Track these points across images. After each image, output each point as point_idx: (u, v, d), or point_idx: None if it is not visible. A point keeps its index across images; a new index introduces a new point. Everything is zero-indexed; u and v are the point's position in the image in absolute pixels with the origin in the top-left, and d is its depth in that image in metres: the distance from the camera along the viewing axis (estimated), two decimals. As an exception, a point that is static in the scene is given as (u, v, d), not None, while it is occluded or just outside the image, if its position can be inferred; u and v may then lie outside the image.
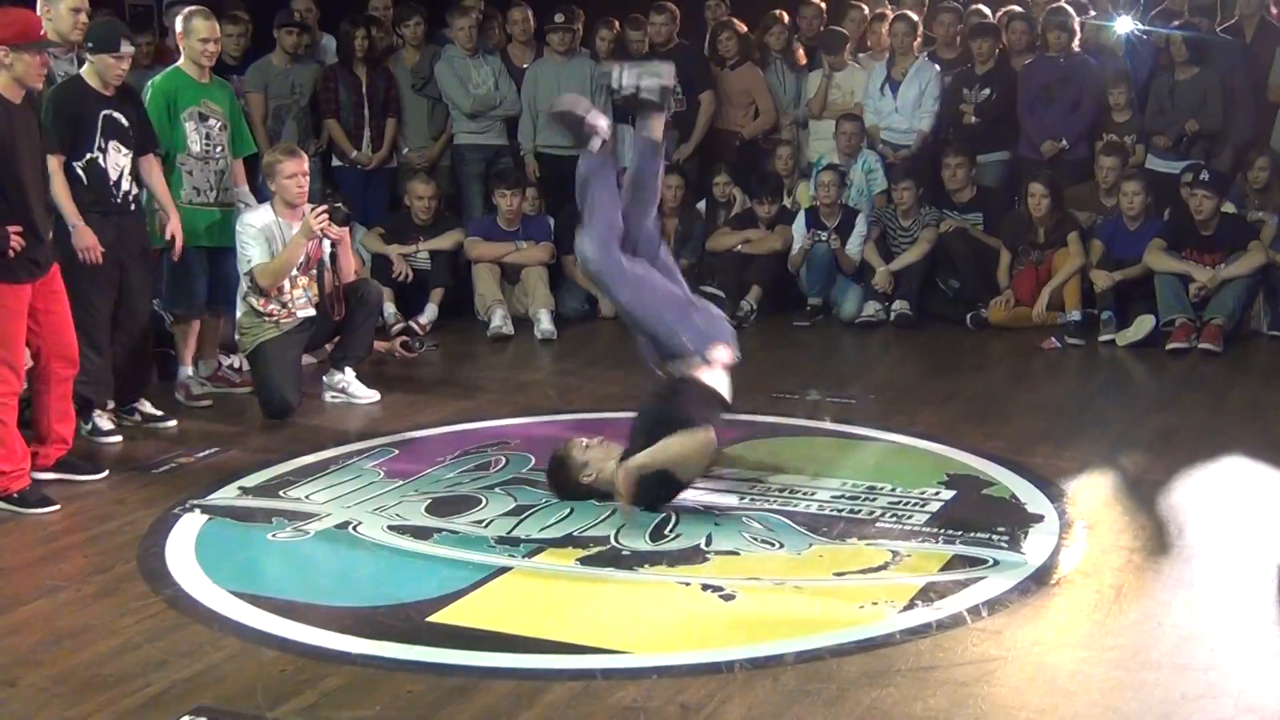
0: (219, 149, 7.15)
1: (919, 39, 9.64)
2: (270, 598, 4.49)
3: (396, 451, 6.16)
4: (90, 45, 6.30)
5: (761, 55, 10.03)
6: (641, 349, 5.72)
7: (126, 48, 6.33)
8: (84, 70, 6.35)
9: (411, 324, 8.68)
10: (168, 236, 6.71)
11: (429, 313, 8.87)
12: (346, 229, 7.05)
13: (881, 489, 5.51)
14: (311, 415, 6.87)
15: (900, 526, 5.07)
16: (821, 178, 9.17)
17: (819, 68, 9.94)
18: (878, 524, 5.10)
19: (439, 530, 5.11)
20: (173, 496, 5.57)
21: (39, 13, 6.20)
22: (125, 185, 6.43)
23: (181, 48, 7.17)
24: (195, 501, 5.49)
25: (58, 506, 5.44)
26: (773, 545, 4.91)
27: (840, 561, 4.74)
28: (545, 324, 8.71)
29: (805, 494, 5.46)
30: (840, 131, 9.50)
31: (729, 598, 4.45)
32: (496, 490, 5.55)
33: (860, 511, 5.24)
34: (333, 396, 7.15)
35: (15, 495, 5.44)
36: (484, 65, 9.60)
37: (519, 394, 7.33)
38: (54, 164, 6.05)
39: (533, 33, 9.93)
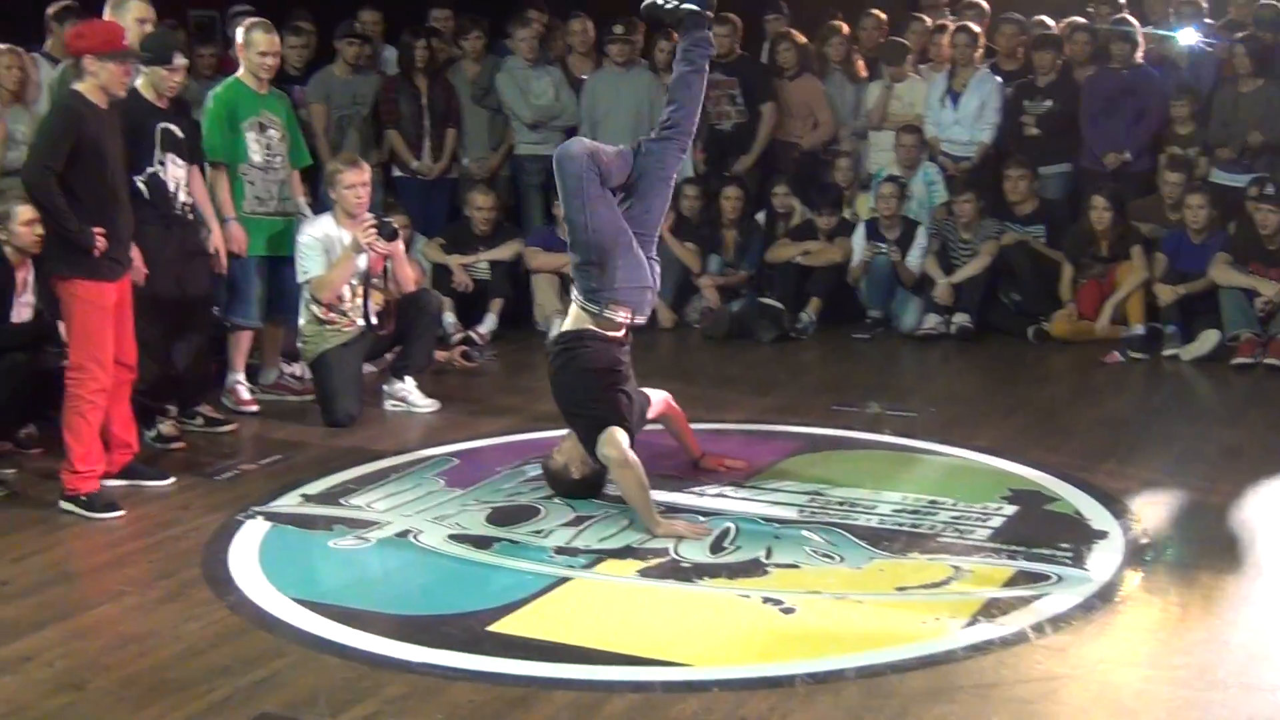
0: (279, 159, 7.21)
1: (980, 50, 9.59)
2: (332, 605, 4.52)
3: (457, 461, 6.18)
4: (147, 57, 6.30)
5: (820, 66, 10.01)
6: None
7: (179, 60, 6.41)
8: (139, 83, 6.32)
9: (471, 334, 8.72)
10: (211, 250, 6.77)
11: (489, 323, 8.90)
12: (397, 243, 7.07)
13: (943, 503, 5.48)
14: (372, 424, 6.91)
15: (962, 541, 5.04)
16: (882, 189, 9.15)
17: (879, 79, 9.91)
18: (939, 539, 5.07)
19: (499, 540, 5.13)
20: (236, 503, 5.62)
21: None
22: (182, 196, 6.50)
23: (241, 59, 7.23)
24: (258, 508, 5.54)
25: (123, 512, 5.51)
26: (833, 559, 4.89)
27: (902, 576, 4.72)
28: (604, 334, 8.71)
29: (866, 508, 5.44)
30: (900, 143, 9.47)
31: (789, 611, 4.43)
32: (555, 500, 5.55)
33: (921, 526, 5.22)
34: (393, 406, 7.18)
35: (84, 498, 5.52)
36: (544, 76, 9.64)
37: (578, 404, 7.33)
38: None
39: (592, 44, 9.96)
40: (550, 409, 7.09)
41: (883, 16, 10.28)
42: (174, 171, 6.41)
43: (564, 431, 5.58)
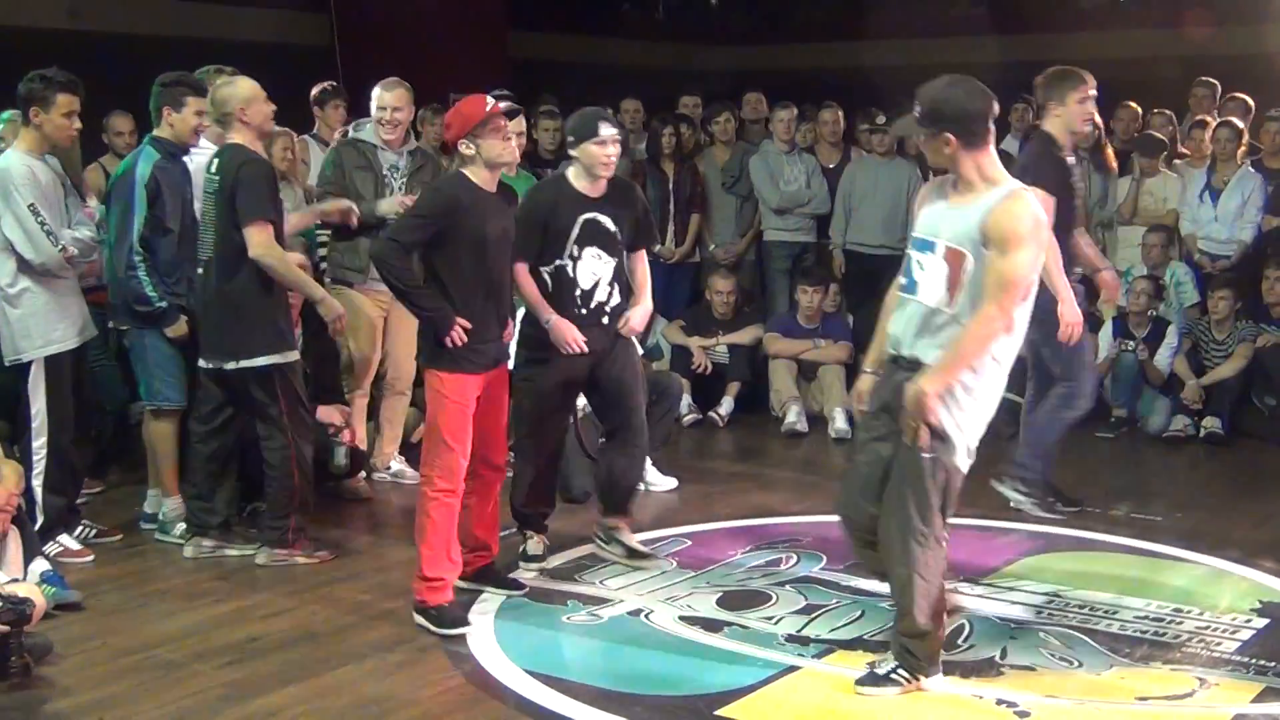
0: None
1: (1244, 147, 9.31)
2: (562, 679, 4.59)
3: (689, 542, 6.22)
4: (571, 140, 5.71)
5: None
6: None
7: (607, 130, 5.60)
8: (569, 171, 5.73)
9: (713, 415, 8.82)
10: None
11: (725, 405, 8.97)
12: None
13: (1188, 612, 5.29)
14: (608, 501, 6.98)
15: (1208, 653, 4.86)
16: (1135, 286, 8.91)
17: (1128, 172, 9.71)
18: (1184, 649, 4.90)
19: (729, 624, 5.14)
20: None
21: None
22: (600, 295, 5.72)
23: None
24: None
25: (470, 627, 5.10)
26: (1071, 663, 4.77)
27: (1143, 686, 4.57)
28: (840, 423, 8.67)
29: (1106, 612, 5.29)
30: (1146, 243, 9.23)
31: (1024, 715, 4.34)
32: (787, 587, 5.55)
33: (1165, 635, 5.05)
34: (630, 484, 7.25)
35: (432, 611, 5.09)
36: (798, 163, 9.70)
37: (812, 492, 7.30)
38: (518, 270, 5.55)
39: (841, 135, 9.99)
40: (782, 495, 7.14)
41: (1138, 109, 10.07)
42: (592, 266, 5.67)
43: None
